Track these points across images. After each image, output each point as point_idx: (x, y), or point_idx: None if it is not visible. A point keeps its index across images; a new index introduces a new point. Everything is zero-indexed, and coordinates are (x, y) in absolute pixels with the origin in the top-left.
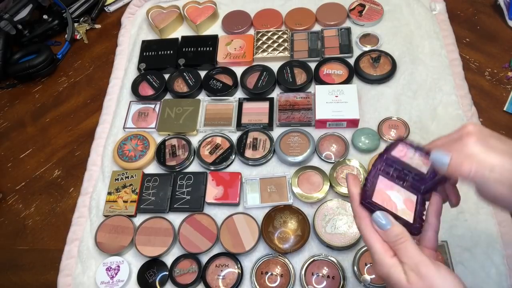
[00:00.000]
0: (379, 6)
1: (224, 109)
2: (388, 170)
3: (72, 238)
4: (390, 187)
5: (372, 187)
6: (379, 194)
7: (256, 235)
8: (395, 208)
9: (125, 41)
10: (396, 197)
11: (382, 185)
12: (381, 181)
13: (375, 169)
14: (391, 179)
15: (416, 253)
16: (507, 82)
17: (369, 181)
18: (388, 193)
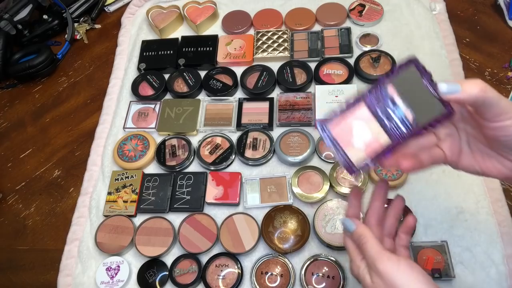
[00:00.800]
0: (379, 6)
1: (224, 109)
2: (377, 99)
3: (72, 238)
4: (366, 119)
5: (342, 113)
6: (345, 123)
7: (256, 235)
8: (346, 143)
9: (125, 41)
10: (361, 133)
11: (358, 115)
12: (361, 111)
13: (365, 95)
14: (375, 111)
15: (374, 251)
16: (507, 82)
17: (347, 106)
18: (355, 126)
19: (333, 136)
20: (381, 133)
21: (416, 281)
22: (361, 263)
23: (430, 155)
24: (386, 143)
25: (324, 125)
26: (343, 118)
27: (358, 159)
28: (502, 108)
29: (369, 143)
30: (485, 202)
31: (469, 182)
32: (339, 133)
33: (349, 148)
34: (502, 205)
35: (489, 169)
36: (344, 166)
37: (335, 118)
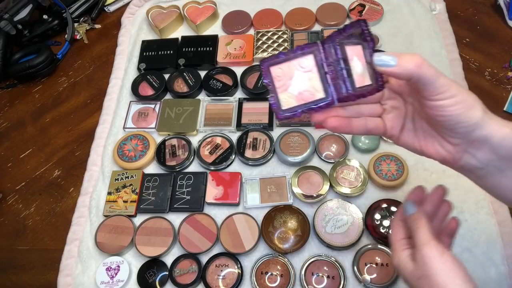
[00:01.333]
0: (379, 6)
1: (224, 109)
2: (326, 53)
3: (72, 238)
4: (308, 69)
5: (289, 56)
6: (288, 67)
7: (256, 235)
8: (282, 86)
9: (125, 41)
10: (299, 82)
11: (303, 63)
12: (307, 60)
13: (316, 44)
14: (320, 64)
15: (425, 236)
16: (507, 82)
17: (295, 50)
18: (297, 73)
19: (272, 76)
20: (318, 87)
21: (453, 273)
22: (403, 252)
23: (365, 123)
24: (320, 98)
25: (267, 62)
26: (288, 62)
27: (287, 104)
28: (439, 87)
29: (303, 93)
30: (485, 202)
31: (469, 182)
32: (278, 75)
33: (283, 92)
34: (502, 205)
35: (428, 148)
36: (273, 108)
37: (280, 60)
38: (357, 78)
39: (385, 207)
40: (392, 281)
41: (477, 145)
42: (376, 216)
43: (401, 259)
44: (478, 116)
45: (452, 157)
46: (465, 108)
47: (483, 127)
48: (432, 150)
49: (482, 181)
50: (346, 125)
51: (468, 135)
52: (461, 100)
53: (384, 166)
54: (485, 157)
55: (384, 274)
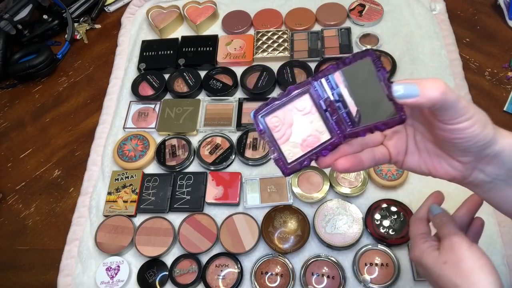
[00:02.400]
0: (379, 6)
1: (224, 109)
2: (322, 89)
3: (72, 238)
4: (307, 111)
5: (281, 103)
6: (284, 114)
7: (256, 235)
8: (281, 136)
9: (125, 41)
10: (301, 127)
11: (299, 105)
12: (303, 101)
13: (309, 82)
14: (318, 103)
15: (454, 229)
16: (507, 82)
17: (288, 93)
18: (296, 118)
19: (268, 127)
20: (322, 129)
21: (480, 263)
22: (425, 244)
23: (373, 155)
24: (326, 140)
25: (258, 114)
26: (283, 108)
27: (292, 155)
28: (460, 110)
29: (307, 139)
30: (485, 202)
31: None
32: (276, 124)
33: (285, 143)
34: None
35: (437, 169)
36: (276, 162)
37: (274, 107)
38: (356, 111)
39: (385, 207)
40: (392, 281)
41: (487, 160)
42: (376, 216)
43: (423, 249)
44: (491, 132)
45: (462, 175)
46: (481, 128)
47: (495, 142)
48: (441, 171)
49: (488, 195)
50: (357, 163)
51: (480, 153)
52: (478, 120)
53: (384, 166)
54: (494, 171)
55: (384, 274)
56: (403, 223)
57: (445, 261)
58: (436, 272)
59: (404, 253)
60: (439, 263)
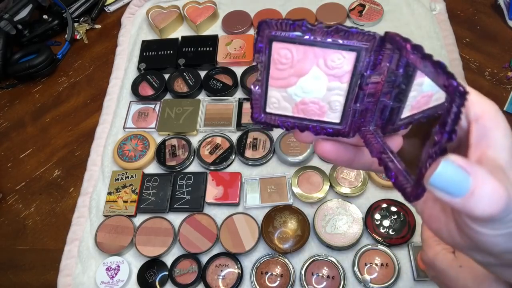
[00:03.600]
0: (379, 6)
1: (224, 109)
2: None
3: (72, 238)
4: (337, 74)
5: (311, 41)
6: (303, 55)
7: (256, 235)
8: (279, 82)
9: (125, 41)
10: (311, 86)
11: (334, 60)
12: (342, 57)
13: (370, 37)
14: (355, 72)
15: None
16: (507, 82)
17: (330, 33)
18: (314, 71)
19: (270, 56)
20: (336, 106)
21: None
22: (438, 246)
23: (365, 159)
24: (330, 121)
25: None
26: (308, 47)
27: (276, 106)
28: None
29: (308, 104)
30: None
31: None
32: (283, 61)
33: (277, 89)
34: None
35: (431, 218)
36: (252, 96)
37: (295, 39)
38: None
39: (385, 207)
40: (392, 281)
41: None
42: (376, 216)
43: (437, 251)
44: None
45: (452, 245)
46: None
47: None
48: (433, 224)
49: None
50: (345, 159)
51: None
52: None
53: None
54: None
55: (384, 274)
56: (403, 223)
57: (461, 264)
58: (451, 275)
59: (404, 253)
60: (455, 266)
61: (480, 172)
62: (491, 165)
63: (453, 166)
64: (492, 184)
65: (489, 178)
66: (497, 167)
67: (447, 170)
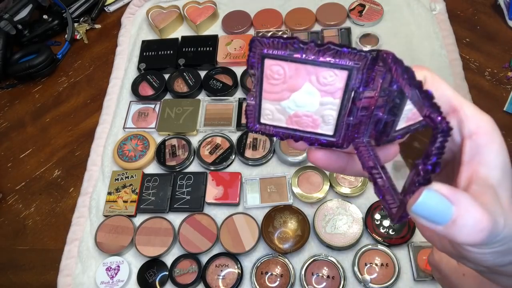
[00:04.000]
0: (379, 6)
1: (224, 109)
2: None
3: (72, 238)
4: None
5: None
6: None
7: (256, 235)
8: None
9: (125, 41)
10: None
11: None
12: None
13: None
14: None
15: None
16: (507, 82)
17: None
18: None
19: (263, 72)
20: (329, 120)
21: None
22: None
23: (357, 167)
24: (324, 133)
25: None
26: (299, 64)
27: (270, 118)
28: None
29: (301, 117)
30: None
31: None
32: (275, 76)
33: (271, 102)
34: None
35: (423, 227)
36: (247, 109)
37: (287, 57)
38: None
39: None
40: (392, 281)
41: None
42: (376, 216)
43: (443, 255)
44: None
45: (443, 251)
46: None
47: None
48: (427, 233)
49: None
50: (339, 166)
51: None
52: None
53: None
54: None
55: (384, 274)
56: (403, 223)
57: (464, 272)
58: (455, 283)
59: (404, 253)
60: (458, 273)
61: (464, 200)
62: (482, 185)
63: (436, 195)
64: (476, 213)
65: (473, 206)
66: (487, 187)
67: (430, 199)
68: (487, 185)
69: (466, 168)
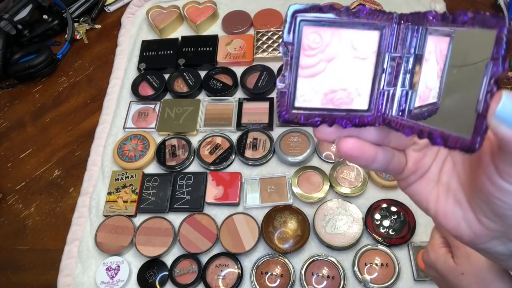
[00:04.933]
0: (379, 6)
1: (224, 109)
2: (402, 42)
3: (72, 238)
4: (364, 55)
5: (339, 21)
6: (333, 38)
7: (256, 235)
8: (309, 70)
9: (125, 41)
10: (342, 71)
11: (359, 41)
12: (366, 37)
13: (390, 18)
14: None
15: None
16: (507, 82)
17: (358, 13)
18: (344, 54)
19: (301, 42)
20: (363, 90)
21: (500, 271)
22: (440, 250)
23: (389, 159)
24: (358, 109)
25: (302, 14)
26: (337, 28)
27: (304, 100)
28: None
29: (337, 92)
30: None
31: None
32: (313, 46)
33: (307, 78)
34: None
35: (446, 216)
36: (280, 96)
37: (326, 19)
38: (421, 95)
39: (385, 207)
40: (392, 281)
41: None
42: (376, 216)
43: (439, 255)
44: None
45: (473, 239)
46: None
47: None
48: (449, 221)
49: (500, 263)
50: (368, 156)
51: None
52: None
53: None
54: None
55: (384, 274)
56: (403, 223)
57: (463, 271)
58: (453, 282)
59: (404, 253)
60: (457, 273)
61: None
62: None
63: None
64: None
65: None
66: None
67: (510, 101)
68: None
69: None
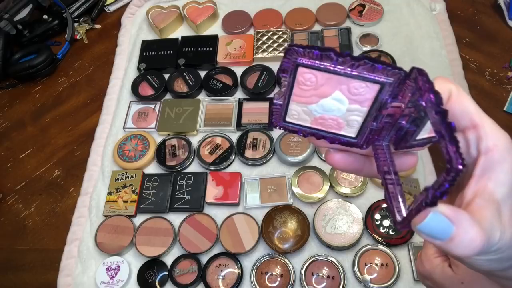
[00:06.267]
0: (379, 6)
1: (224, 109)
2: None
3: (72, 238)
4: (359, 100)
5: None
6: (326, 81)
7: (256, 235)
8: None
9: (125, 41)
10: (332, 107)
11: (357, 89)
12: (367, 88)
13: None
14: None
15: None
16: (507, 82)
17: (355, 66)
18: (336, 95)
19: (295, 77)
20: (353, 124)
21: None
22: (436, 260)
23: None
24: (346, 135)
25: (299, 56)
26: (331, 74)
27: (296, 118)
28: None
29: (327, 120)
30: None
31: None
32: (306, 83)
33: (299, 104)
34: None
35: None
36: (273, 110)
37: (322, 66)
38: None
39: (385, 207)
40: (392, 281)
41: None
42: (376, 216)
43: (435, 265)
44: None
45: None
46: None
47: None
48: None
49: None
50: (356, 168)
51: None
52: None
53: None
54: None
55: (384, 274)
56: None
57: (463, 280)
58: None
59: (404, 253)
60: (456, 282)
61: (464, 221)
62: (486, 199)
63: (440, 216)
64: (472, 233)
65: (471, 226)
66: (491, 201)
67: (434, 220)
68: (491, 200)
69: (476, 181)
